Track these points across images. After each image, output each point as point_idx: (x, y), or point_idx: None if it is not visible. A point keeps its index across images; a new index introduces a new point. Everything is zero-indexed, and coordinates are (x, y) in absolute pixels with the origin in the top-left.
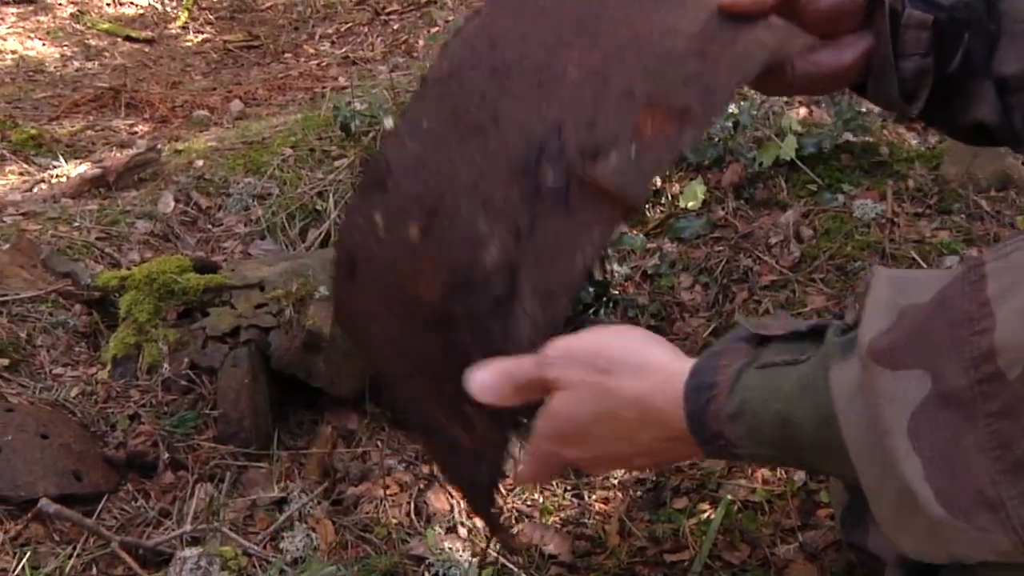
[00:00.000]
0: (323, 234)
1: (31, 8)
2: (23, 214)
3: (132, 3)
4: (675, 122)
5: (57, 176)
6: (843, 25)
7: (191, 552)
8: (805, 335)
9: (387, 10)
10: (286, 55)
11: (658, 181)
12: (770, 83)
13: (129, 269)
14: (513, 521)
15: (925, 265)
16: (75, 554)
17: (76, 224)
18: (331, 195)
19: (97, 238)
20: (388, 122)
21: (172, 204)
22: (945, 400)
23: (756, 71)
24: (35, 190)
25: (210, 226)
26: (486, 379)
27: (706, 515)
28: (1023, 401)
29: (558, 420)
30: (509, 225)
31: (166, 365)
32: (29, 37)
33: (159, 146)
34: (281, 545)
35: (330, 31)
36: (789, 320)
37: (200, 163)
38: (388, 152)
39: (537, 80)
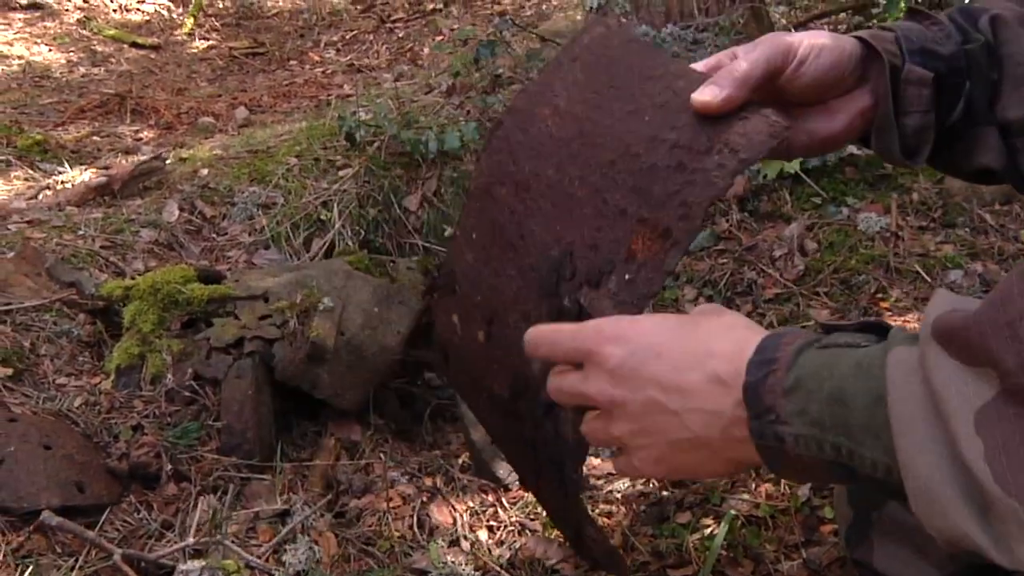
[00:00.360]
0: (327, 244)
1: (38, 14)
2: (28, 222)
3: (138, 9)
4: (661, 241)
5: (62, 182)
6: (833, 92)
7: (193, 565)
8: (871, 327)
9: (392, 18)
10: (291, 62)
11: None
12: (768, 154)
13: (133, 278)
14: (516, 535)
15: (929, 279)
16: (77, 567)
17: (81, 232)
18: (335, 205)
19: (102, 246)
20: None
21: (177, 213)
22: (1013, 397)
23: (728, 184)
24: (40, 197)
25: (214, 235)
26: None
27: (709, 530)
28: None
29: (628, 343)
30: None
31: (170, 376)
32: (36, 42)
33: (164, 154)
34: (283, 558)
35: (335, 38)
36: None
37: (205, 172)
38: (454, 258)
39: (551, 199)
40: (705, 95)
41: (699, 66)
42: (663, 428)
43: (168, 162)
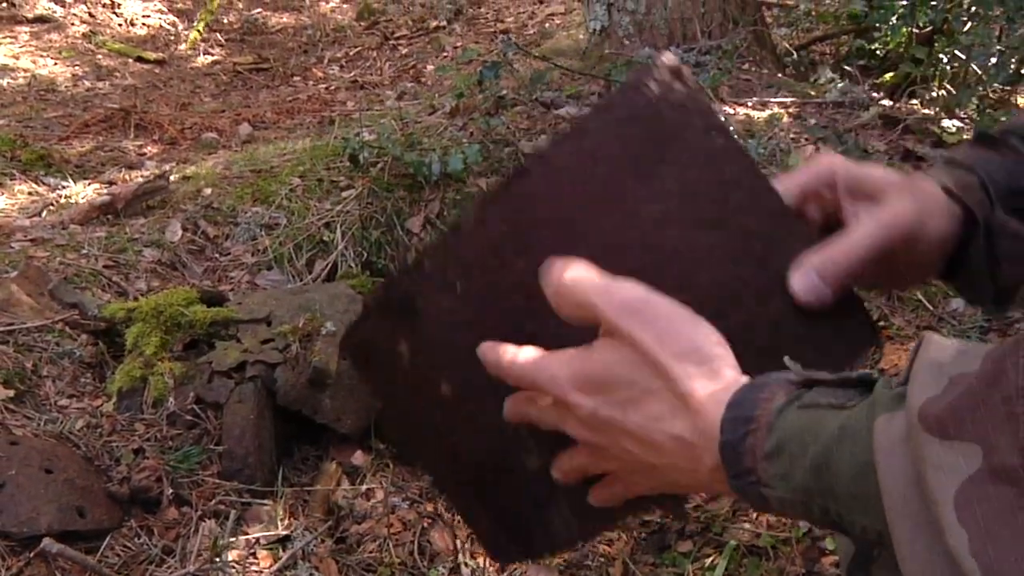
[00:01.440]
0: (330, 265)
1: (44, 27)
2: (31, 240)
3: (144, 24)
4: None
5: (66, 197)
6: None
7: None
8: (854, 383)
9: (396, 35)
10: (295, 78)
11: None
12: None
13: (136, 299)
14: (517, 563)
15: (931, 307)
16: None
17: (84, 251)
18: (338, 226)
19: (105, 266)
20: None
21: (180, 232)
22: (997, 475)
23: None
24: (43, 213)
25: (217, 255)
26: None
27: (711, 559)
28: None
29: (589, 363)
30: (551, 447)
31: (171, 399)
32: (41, 56)
33: (168, 172)
34: None
35: (339, 55)
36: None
37: (208, 191)
38: (420, 287)
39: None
40: (807, 294)
41: (791, 185)
42: (647, 475)
43: (172, 179)
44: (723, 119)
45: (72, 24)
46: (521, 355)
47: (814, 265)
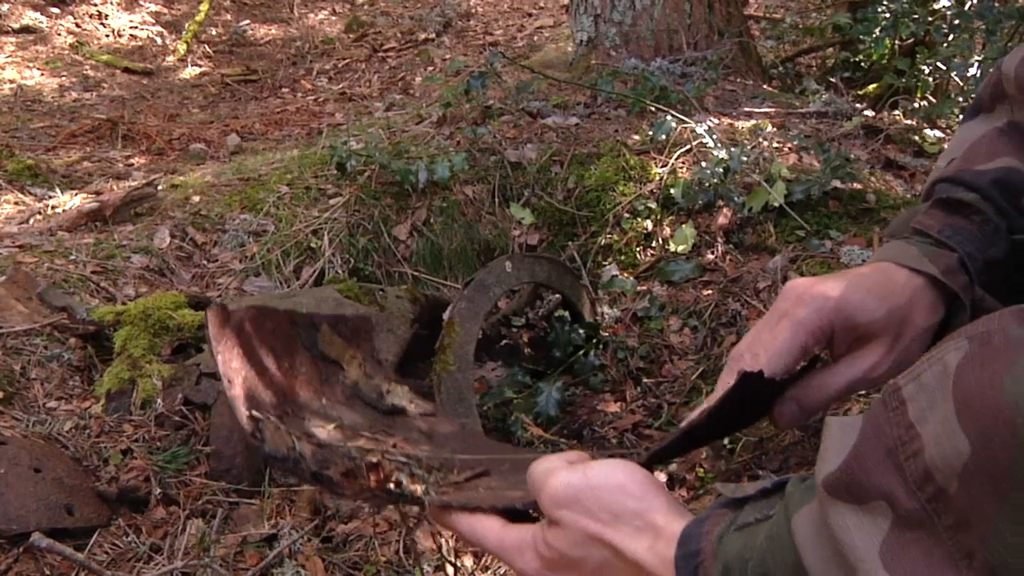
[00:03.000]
0: (317, 272)
1: (30, 38)
2: (19, 246)
3: (131, 35)
4: None
5: (53, 207)
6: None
7: None
8: (773, 491)
9: (385, 47)
10: (283, 90)
11: (649, 224)
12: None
13: (124, 304)
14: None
15: None
16: None
17: (72, 257)
18: (326, 233)
19: (93, 272)
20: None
21: (168, 239)
22: (907, 523)
23: None
24: (31, 222)
25: (205, 262)
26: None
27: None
28: (970, 511)
29: (551, 551)
30: None
31: (159, 400)
32: (28, 67)
33: (156, 181)
34: None
35: (328, 67)
36: (763, 480)
37: (196, 199)
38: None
39: None
40: (787, 423)
41: (795, 347)
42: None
43: (160, 187)
44: None
45: (58, 35)
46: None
47: (796, 398)
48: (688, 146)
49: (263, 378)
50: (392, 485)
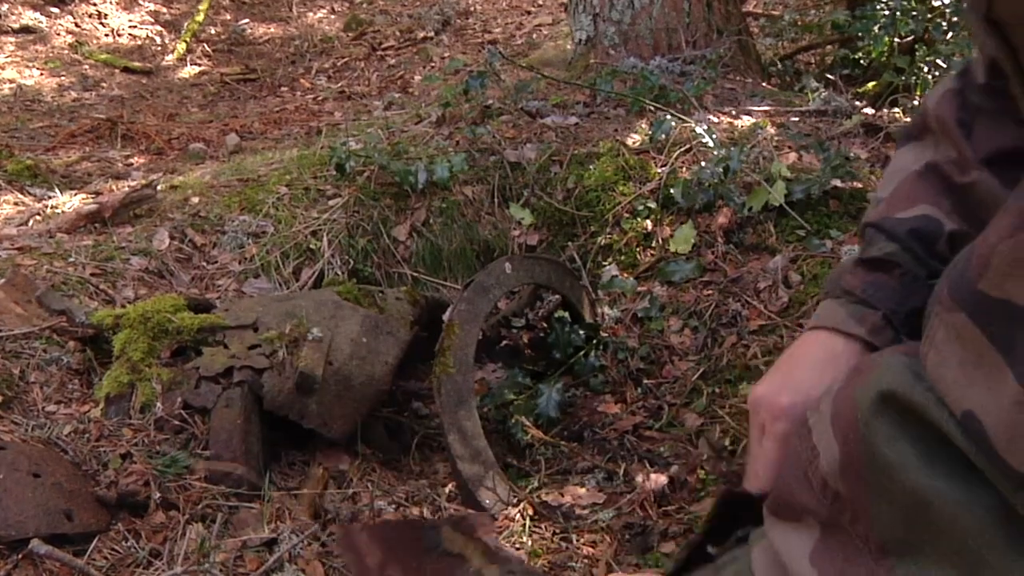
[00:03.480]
0: (316, 273)
1: (29, 38)
2: (19, 248)
3: (130, 35)
4: None
5: (52, 207)
6: None
7: None
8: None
9: (384, 46)
10: (282, 89)
11: (649, 224)
12: None
13: (123, 306)
14: None
15: None
16: None
17: (71, 260)
18: (325, 234)
19: (92, 274)
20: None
21: (167, 241)
22: (828, 529)
23: None
24: (30, 223)
25: (204, 263)
26: None
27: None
28: (855, 502)
29: None
30: None
31: (159, 404)
32: (27, 66)
33: (155, 182)
34: None
35: (327, 66)
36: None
37: (196, 200)
38: None
39: None
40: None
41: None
42: None
43: (159, 188)
44: None
45: (58, 35)
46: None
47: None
48: (688, 145)
49: None
50: None
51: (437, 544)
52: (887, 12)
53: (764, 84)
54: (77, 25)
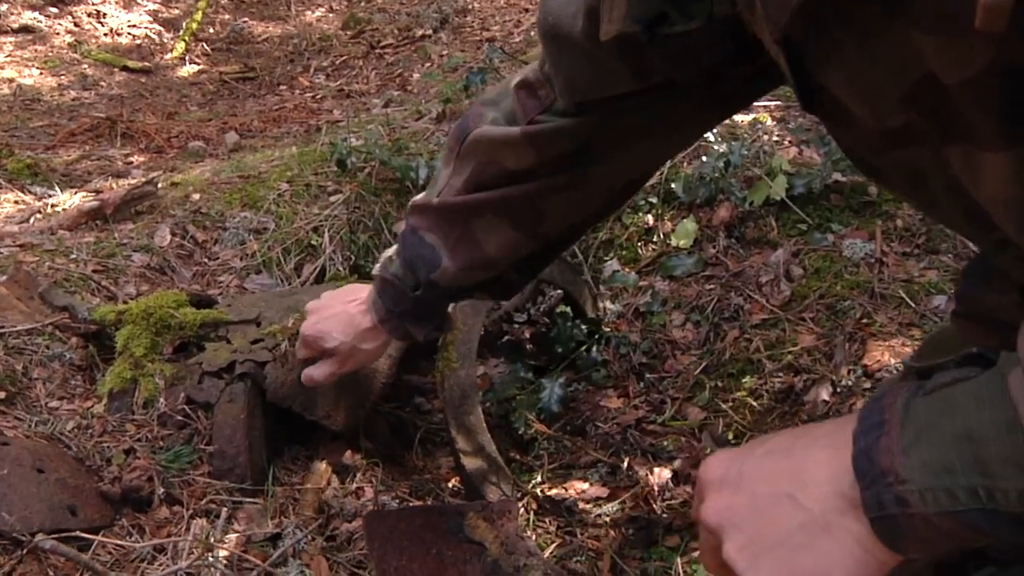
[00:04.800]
0: (318, 269)
1: (28, 38)
2: (20, 246)
3: (129, 34)
4: None
5: (52, 206)
6: None
7: None
8: (972, 359)
9: (382, 44)
10: (281, 87)
11: (650, 219)
12: None
13: (125, 302)
14: None
15: (913, 304)
16: None
17: (73, 256)
18: (326, 230)
19: (94, 270)
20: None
21: (168, 237)
22: None
23: None
24: (31, 221)
25: (206, 260)
26: None
27: (697, 552)
28: None
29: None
30: None
31: (162, 400)
32: (26, 66)
33: (155, 179)
34: None
35: (325, 64)
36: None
37: (197, 197)
38: None
39: None
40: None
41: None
42: (778, 520)
43: (160, 186)
44: None
45: (57, 34)
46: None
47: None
48: None
49: (410, 567)
50: None
51: (459, 530)
52: None
53: None
54: (76, 24)
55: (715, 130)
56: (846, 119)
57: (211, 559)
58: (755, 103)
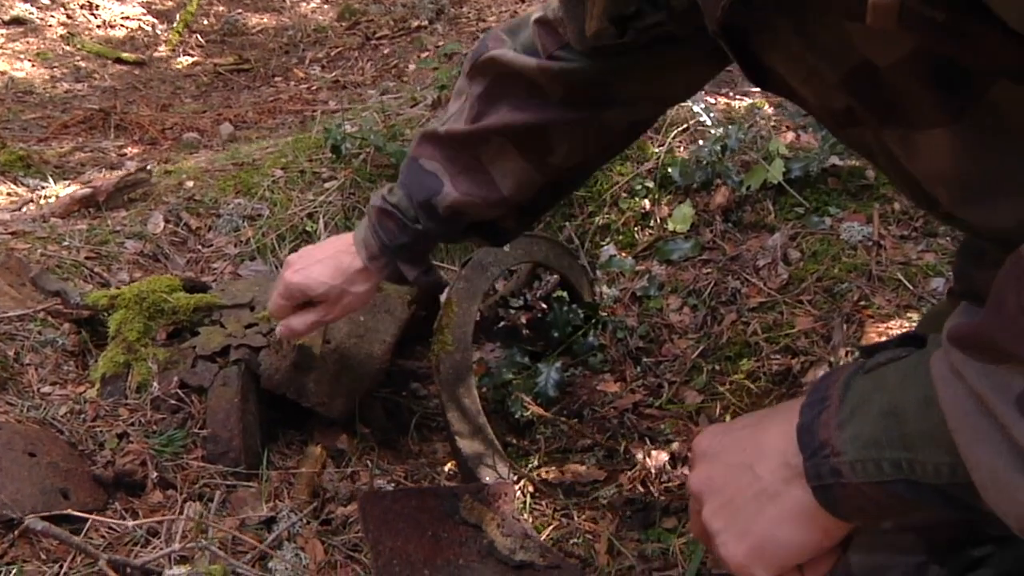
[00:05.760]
0: None
1: (20, 30)
2: (11, 233)
3: (122, 25)
4: None
5: (45, 197)
6: None
7: (179, 571)
8: (905, 341)
9: (377, 35)
10: (276, 79)
11: (647, 204)
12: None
13: (119, 288)
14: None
15: (911, 287)
16: (62, 573)
17: (65, 243)
18: (321, 217)
19: (86, 257)
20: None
21: (162, 224)
22: None
23: None
24: (24, 210)
25: (200, 247)
26: None
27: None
28: None
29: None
30: None
31: (155, 384)
32: (18, 58)
33: (149, 167)
34: (270, 564)
35: (320, 55)
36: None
37: (190, 184)
38: None
39: None
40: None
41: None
42: (741, 488)
43: (153, 175)
44: None
45: (49, 26)
46: None
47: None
48: (685, 125)
49: (406, 549)
50: None
51: (455, 512)
52: None
53: None
54: (69, 16)
55: (712, 114)
56: (796, 98)
57: (205, 541)
58: (751, 89)
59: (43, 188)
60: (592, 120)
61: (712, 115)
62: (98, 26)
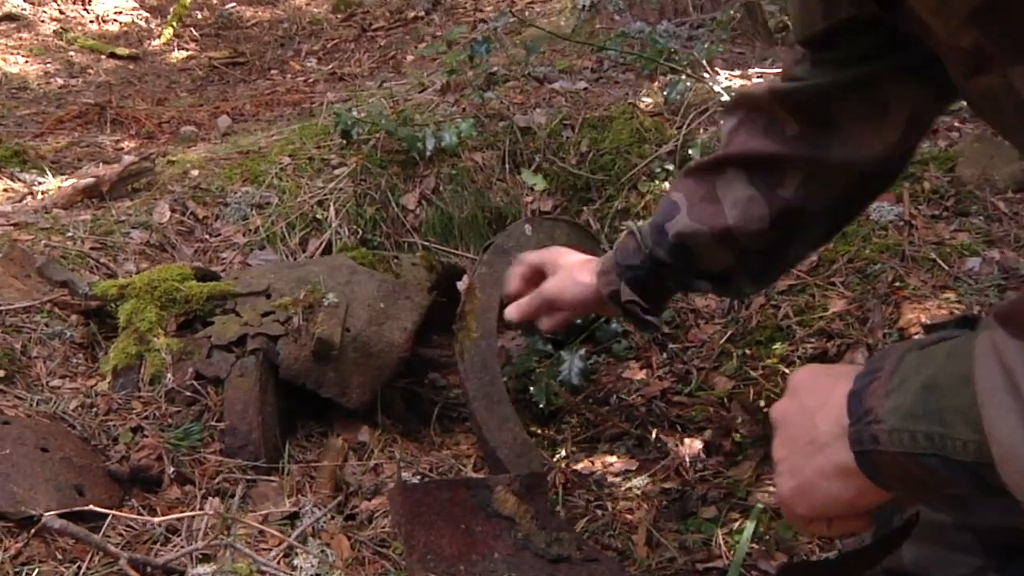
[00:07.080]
0: (324, 243)
1: (13, 26)
2: (14, 224)
3: (116, 20)
4: None
5: (44, 191)
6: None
7: (204, 569)
8: (962, 322)
9: (373, 27)
10: (272, 71)
11: (667, 187)
12: None
13: (128, 278)
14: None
15: (946, 267)
16: (80, 573)
17: (69, 234)
18: (332, 204)
19: (91, 248)
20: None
21: (168, 214)
22: None
23: None
24: (25, 202)
25: (207, 236)
26: None
27: (737, 523)
28: None
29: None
30: None
31: (169, 375)
32: (12, 54)
33: (153, 156)
34: (295, 562)
35: (316, 48)
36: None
37: (196, 173)
38: None
39: None
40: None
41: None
42: (802, 430)
43: (157, 164)
44: None
45: (42, 22)
46: None
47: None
48: (704, 107)
49: (439, 543)
50: None
51: (487, 504)
52: None
53: (774, 48)
54: (61, 12)
55: (732, 94)
56: (924, 33)
57: (228, 539)
58: (767, 71)
59: (40, 183)
60: (822, 160)
61: (732, 95)
62: (91, 21)
